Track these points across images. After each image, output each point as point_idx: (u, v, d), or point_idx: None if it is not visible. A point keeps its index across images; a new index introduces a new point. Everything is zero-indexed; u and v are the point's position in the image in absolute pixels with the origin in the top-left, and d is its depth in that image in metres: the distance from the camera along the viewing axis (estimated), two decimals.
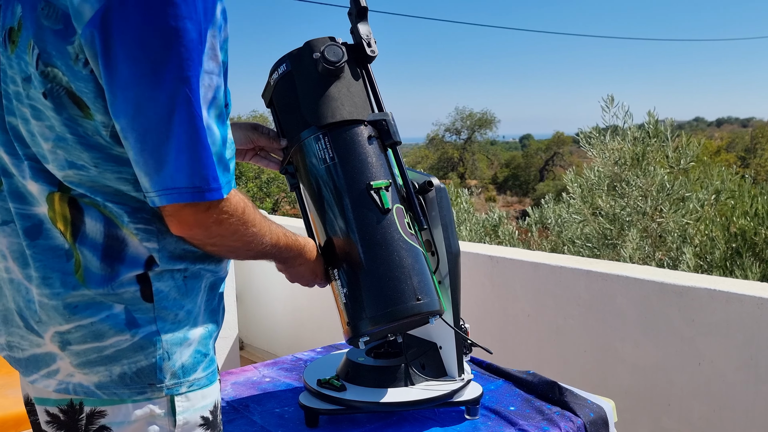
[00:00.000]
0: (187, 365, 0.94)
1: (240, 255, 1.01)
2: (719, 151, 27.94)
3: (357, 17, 1.29)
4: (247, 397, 1.54)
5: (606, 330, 2.17)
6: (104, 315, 0.89)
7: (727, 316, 1.87)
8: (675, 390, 2.01)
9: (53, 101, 0.86)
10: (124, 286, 0.89)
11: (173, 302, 0.93)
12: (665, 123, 4.48)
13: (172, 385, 0.92)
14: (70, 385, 0.90)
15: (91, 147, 0.87)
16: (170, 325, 0.92)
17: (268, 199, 15.90)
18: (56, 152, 0.88)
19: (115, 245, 0.89)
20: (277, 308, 3.75)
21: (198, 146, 0.84)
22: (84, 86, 0.84)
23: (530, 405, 1.46)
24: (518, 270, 2.42)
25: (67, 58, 0.84)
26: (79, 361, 0.89)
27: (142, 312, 0.90)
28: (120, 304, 0.90)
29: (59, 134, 0.87)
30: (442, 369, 1.42)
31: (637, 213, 4.28)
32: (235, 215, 0.90)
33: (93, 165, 0.88)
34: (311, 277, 1.22)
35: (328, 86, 1.24)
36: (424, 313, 1.18)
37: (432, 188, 1.34)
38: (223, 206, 0.88)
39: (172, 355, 0.92)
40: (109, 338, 0.89)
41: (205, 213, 0.87)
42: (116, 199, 0.89)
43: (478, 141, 39.06)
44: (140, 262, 0.90)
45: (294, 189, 1.33)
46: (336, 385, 1.36)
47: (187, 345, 0.94)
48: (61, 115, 0.86)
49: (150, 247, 0.91)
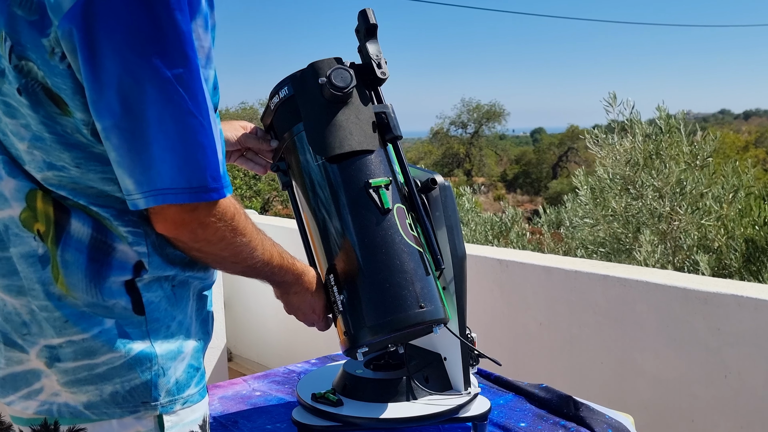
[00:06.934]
0: (182, 381, 0.94)
1: (228, 267, 1.01)
2: (747, 146, 27.98)
3: (366, 35, 1.27)
4: (235, 413, 1.55)
5: (624, 340, 2.17)
6: (96, 330, 0.89)
7: (756, 324, 1.87)
8: (699, 405, 2.01)
9: (29, 98, 0.85)
10: (113, 297, 0.89)
11: (165, 313, 0.93)
12: (677, 116, 4.46)
13: (166, 402, 0.92)
14: (54, 405, 0.90)
15: (72, 146, 0.87)
16: (163, 338, 0.92)
17: (258, 197, 15.88)
18: (33, 153, 0.87)
19: (102, 248, 0.89)
20: (269, 316, 3.75)
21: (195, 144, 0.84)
22: (61, 82, 0.84)
23: (543, 421, 1.46)
24: (529, 275, 2.42)
25: (43, 51, 0.83)
26: (67, 380, 0.89)
27: (134, 326, 0.91)
28: (110, 318, 0.90)
29: (36, 133, 0.87)
30: (447, 382, 1.42)
31: (653, 216, 4.27)
32: (223, 220, 0.90)
33: (74, 165, 0.87)
34: (308, 311, 1.21)
35: (335, 113, 1.23)
36: (427, 321, 1.18)
37: (436, 186, 1.34)
38: (211, 208, 0.88)
39: (167, 370, 0.92)
40: (101, 355, 0.89)
41: (191, 213, 0.87)
42: (101, 202, 0.89)
43: (485, 135, 39.08)
44: (128, 267, 0.90)
45: (286, 187, 1.33)
46: (332, 400, 1.36)
47: (181, 359, 0.95)
48: (38, 113, 0.86)
49: (140, 251, 0.91)
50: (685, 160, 4.36)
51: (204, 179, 0.85)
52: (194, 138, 0.84)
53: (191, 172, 0.84)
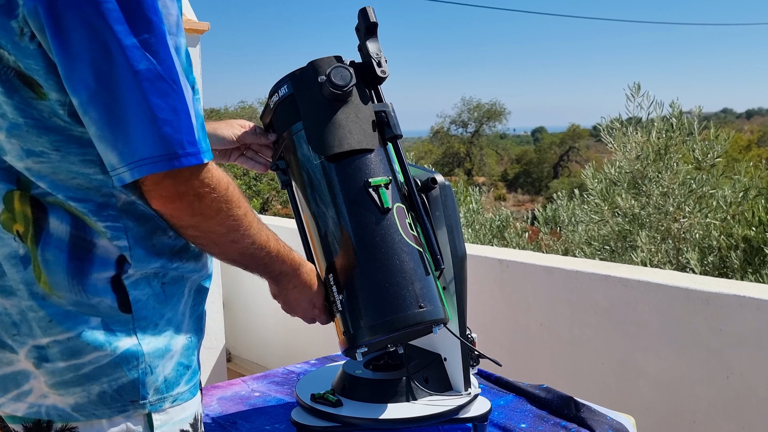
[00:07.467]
0: (170, 379, 0.94)
1: (224, 246, 0.98)
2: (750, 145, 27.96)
3: (366, 34, 1.28)
4: (234, 414, 1.55)
5: (626, 340, 2.17)
6: (80, 329, 0.88)
7: (758, 325, 1.88)
8: (701, 406, 2.01)
9: (2, 85, 0.85)
10: (98, 294, 0.89)
11: (153, 311, 0.93)
12: (692, 114, 4.46)
13: (155, 401, 0.92)
14: (42, 407, 0.90)
15: (50, 130, 0.87)
16: (150, 336, 0.92)
17: (257, 197, 15.91)
18: (11, 141, 0.87)
19: (82, 245, 0.89)
20: (268, 316, 3.76)
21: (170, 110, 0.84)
22: (33, 63, 0.84)
23: (543, 422, 1.47)
24: (530, 275, 2.42)
25: (12, 34, 0.83)
26: (54, 381, 0.89)
27: (121, 324, 0.90)
28: (96, 316, 0.89)
29: (12, 121, 0.86)
30: (447, 383, 1.42)
31: (659, 213, 4.27)
32: (217, 190, 0.90)
33: (54, 149, 0.87)
34: (309, 306, 1.21)
35: (334, 112, 1.23)
36: (427, 321, 1.18)
37: (436, 186, 1.34)
38: (204, 177, 0.88)
39: (154, 369, 0.92)
40: (87, 354, 0.89)
41: (185, 184, 0.87)
42: (80, 195, 0.89)
43: (486, 134, 39.09)
44: (110, 263, 0.90)
45: (285, 186, 1.33)
46: (331, 401, 1.36)
47: (170, 357, 0.94)
48: (13, 99, 0.86)
49: (120, 245, 0.90)
50: (695, 157, 4.35)
51: (180, 144, 0.84)
52: (166, 102, 0.83)
53: (166, 138, 0.83)
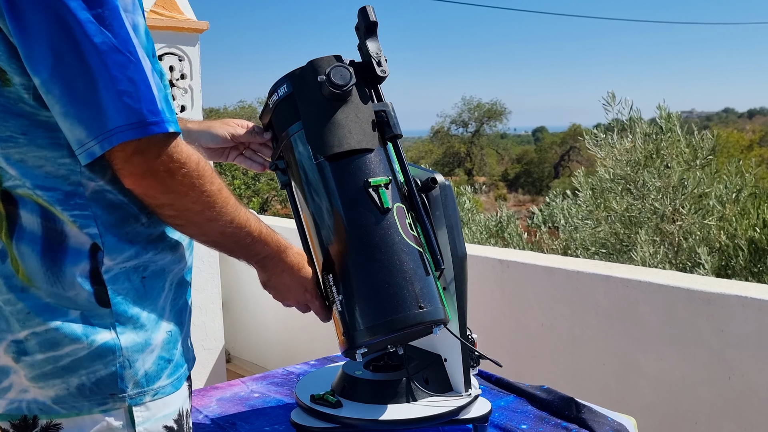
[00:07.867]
0: (151, 373, 0.95)
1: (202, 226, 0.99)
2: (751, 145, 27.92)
3: (366, 33, 1.27)
4: (233, 415, 1.55)
5: (627, 341, 2.17)
6: (59, 321, 0.90)
7: (760, 325, 1.88)
8: (702, 407, 2.01)
9: None
10: (75, 286, 0.90)
11: (131, 306, 0.94)
12: (674, 116, 4.47)
13: (135, 394, 0.93)
14: (23, 402, 0.91)
15: (17, 115, 0.89)
16: (130, 330, 0.93)
17: (257, 197, 15.91)
18: None
19: (54, 236, 0.91)
20: (267, 317, 3.76)
21: (127, 81, 0.85)
22: None
23: (544, 423, 1.47)
24: (531, 275, 2.42)
25: None
26: (33, 374, 0.90)
27: (99, 318, 0.91)
28: (75, 309, 0.91)
29: None
30: (447, 383, 1.42)
31: (656, 215, 4.28)
32: (187, 165, 0.91)
33: (21, 133, 0.89)
34: (300, 291, 1.21)
35: (334, 111, 1.23)
36: (427, 322, 1.18)
37: (436, 186, 1.34)
38: (173, 153, 0.90)
39: (133, 363, 0.93)
40: (64, 347, 0.90)
41: (155, 160, 0.88)
42: (48, 184, 0.90)
43: (486, 134, 39.03)
44: (84, 252, 0.91)
45: (285, 186, 1.34)
46: (331, 401, 1.36)
47: (150, 351, 0.95)
48: None
49: (91, 233, 0.92)
50: (685, 159, 4.36)
51: (141, 113, 0.86)
52: (124, 74, 0.85)
53: (127, 108, 0.85)
